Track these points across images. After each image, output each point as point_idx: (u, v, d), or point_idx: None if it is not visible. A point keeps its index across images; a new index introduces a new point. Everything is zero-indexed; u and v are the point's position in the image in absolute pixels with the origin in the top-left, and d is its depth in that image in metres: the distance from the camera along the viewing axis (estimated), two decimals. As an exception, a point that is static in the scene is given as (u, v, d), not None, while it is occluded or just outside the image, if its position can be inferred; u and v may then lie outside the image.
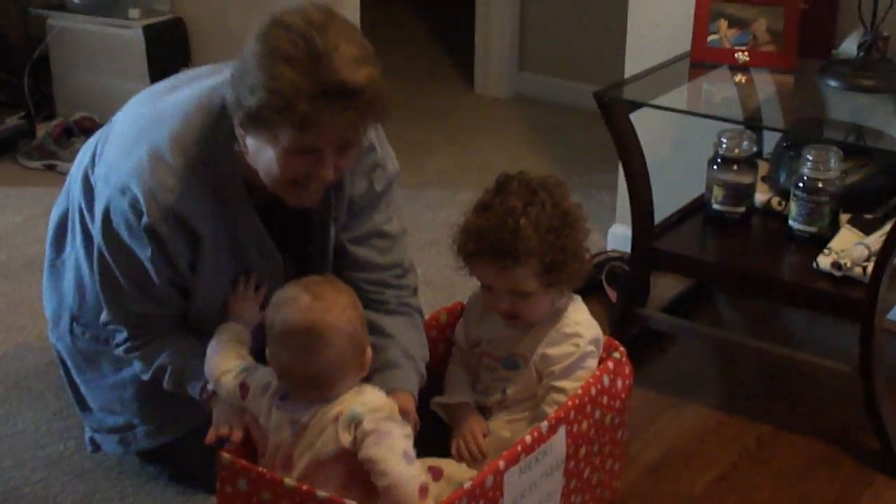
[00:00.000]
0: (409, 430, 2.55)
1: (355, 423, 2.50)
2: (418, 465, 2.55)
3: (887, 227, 3.15)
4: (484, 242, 2.65)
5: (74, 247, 3.06)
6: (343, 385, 2.55)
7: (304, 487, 2.41)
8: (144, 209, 2.69)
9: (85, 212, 2.97)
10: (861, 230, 3.27)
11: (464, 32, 6.41)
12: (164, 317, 2.87)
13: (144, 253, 2.73)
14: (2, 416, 3.32)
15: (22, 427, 3.27)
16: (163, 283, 2.79)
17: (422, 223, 4.55)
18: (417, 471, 2.52)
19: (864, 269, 3.13)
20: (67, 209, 3.10)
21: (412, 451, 2.53)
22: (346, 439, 2.49)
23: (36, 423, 3.30)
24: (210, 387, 2.76)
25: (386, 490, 2.48)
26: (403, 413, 2.64)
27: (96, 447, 3.12)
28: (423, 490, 2.52)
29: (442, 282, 4.01)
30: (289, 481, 2.42)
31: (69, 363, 3.15)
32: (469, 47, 6.29)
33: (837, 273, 3.16)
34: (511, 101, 6.14)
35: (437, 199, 4.84)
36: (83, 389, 3.13)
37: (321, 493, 2.38)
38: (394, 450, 2.49)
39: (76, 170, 3.06)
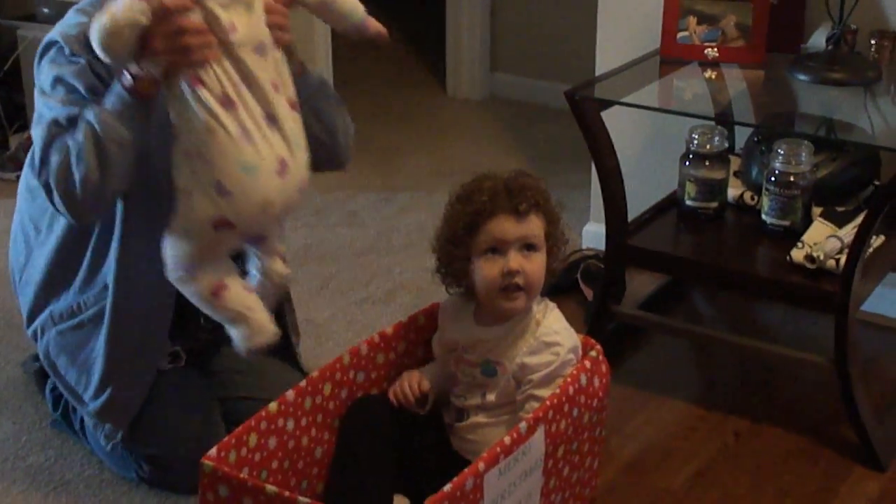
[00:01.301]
0: None
1: None
2: None
3: (859, 219, 3.18)
4: (499, 196, 2.66)
5: (30, 245, 3.14)
6: None
7: (287, 494, 2.40)
8: (64, 43, 2.81)
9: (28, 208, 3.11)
10: (833, 223, 3.29)
11: (435, 34, 6.43)
12: None
13: (80, 64, 2.81)
14: (-20, 429, 3.34)
15: (2, 438, 3.27)
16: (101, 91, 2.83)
17: (396, 226, 4.59)
18: None
19: (838, 261, 3.15)
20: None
21: None
22: None
23: (16, 434, 3.30)
24: (133, 69, 2.67)
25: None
26: None
27: (111, 438, 3.10)
28: None
29: (418, 283, 4.03)
30: (270, 488, 2.41)
31: (62, 360, 3.14)
32: (440, 49, 6.32)
33: (811, 266, 3.18)
34: (484, 103, 6.18)
35: (411, 202, 4.87)
36: (81, 384, 3.12)
37: (303, 500, 2.37)
38: None
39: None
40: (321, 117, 2.98)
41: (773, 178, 3.35)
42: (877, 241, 3.25)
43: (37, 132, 2.85)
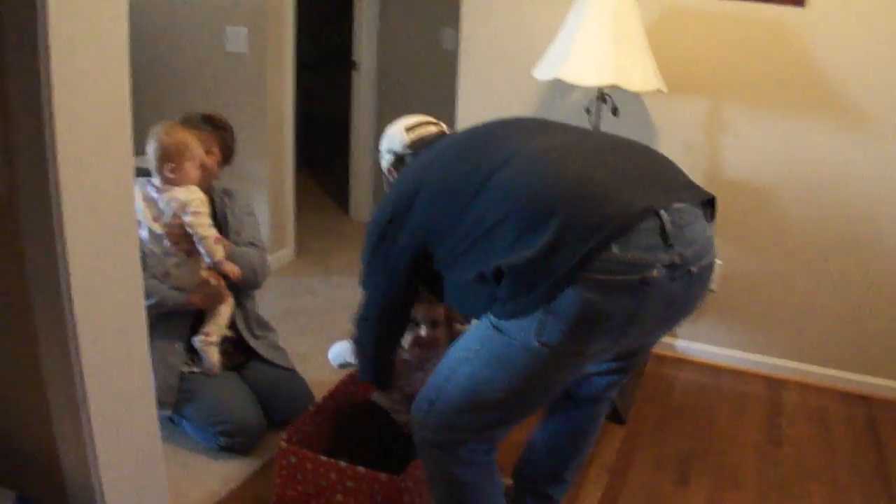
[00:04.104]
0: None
1: (183, 204, 2.91)
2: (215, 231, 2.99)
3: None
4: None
5: None
6: (185, 176, 2.94)
7: (331, 459, 2.46)
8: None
9: None
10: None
11: (341, 175, 6.39)
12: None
13: None
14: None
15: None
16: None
17: (338, 296, 4.62)
18: (214, 231, 2.97)
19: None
20: None
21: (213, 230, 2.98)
22: (177, 218, 2.94)
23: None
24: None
25: (200, 241, 2.94)
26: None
27: (196, 420, 3.11)
28: (217, 239, 2.97)
29: None
30: (322, 457, 2.47)
31: None
32: (345, 183, 6.29)
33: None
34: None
35: (343, 280, 4.88)
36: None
37: (342, 463, 2.45)
38: (201, 219, 2.93)
39: None
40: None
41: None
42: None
43: None
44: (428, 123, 2.56)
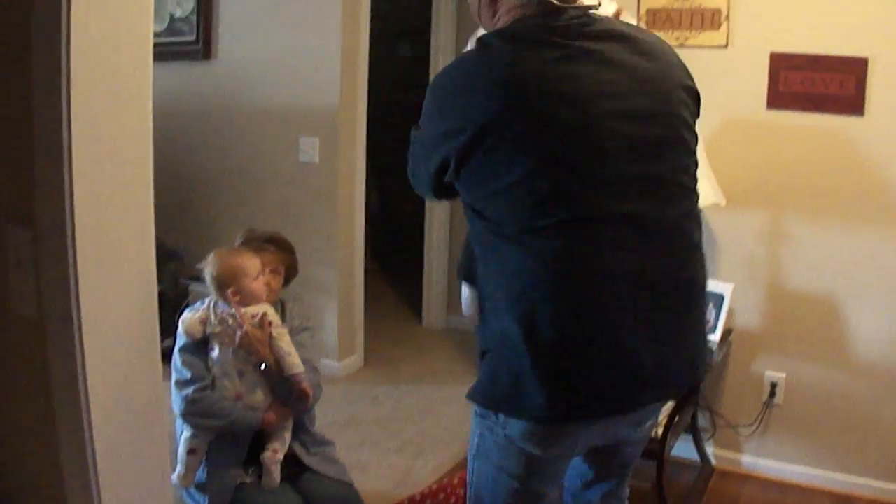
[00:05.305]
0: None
1: (262, 316, 2.96)
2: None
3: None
4: None
5: None
6: (250, 295, 2.98)
7: None
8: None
9: None
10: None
11: (415, 281, 6.42)
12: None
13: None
14: None
15: None
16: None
17: (400, 405, 4.66)
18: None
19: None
20: None
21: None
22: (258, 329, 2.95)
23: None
24: None
25: (285, 355, 2.96)
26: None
27: None
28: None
29: (419, 440, 4.07)
30: None
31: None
32: (418, 292, 6.31)
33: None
34: (444, 331, 6.17)
35: (407, 391, 4.91)
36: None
37: None
38: (283, 331, 2.97)
39: None
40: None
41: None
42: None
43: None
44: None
